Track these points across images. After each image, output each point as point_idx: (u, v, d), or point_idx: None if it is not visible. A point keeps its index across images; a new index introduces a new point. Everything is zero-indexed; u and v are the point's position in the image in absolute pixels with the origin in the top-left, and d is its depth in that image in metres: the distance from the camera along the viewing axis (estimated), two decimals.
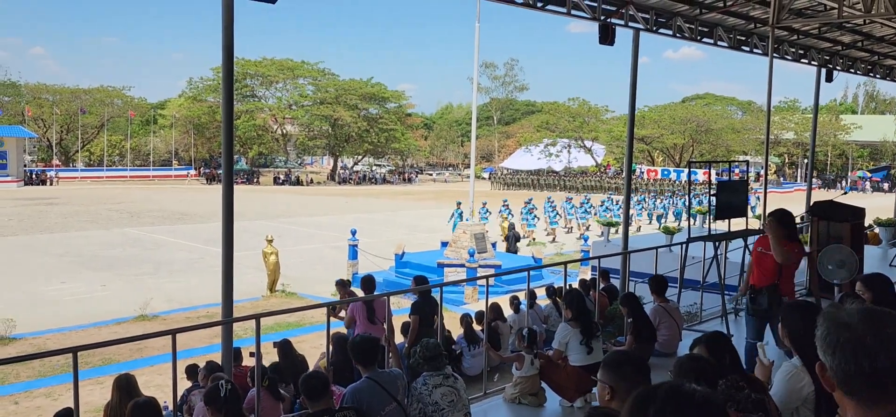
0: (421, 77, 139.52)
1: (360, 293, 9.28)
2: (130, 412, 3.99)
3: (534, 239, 27.35)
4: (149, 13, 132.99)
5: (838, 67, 14.88)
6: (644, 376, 2.82)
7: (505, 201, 30.28)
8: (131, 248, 24.07)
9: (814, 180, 19.09)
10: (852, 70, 15.77)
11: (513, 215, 28.53)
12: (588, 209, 32.83)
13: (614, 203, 35.56)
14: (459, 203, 27.27)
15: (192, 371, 7.93)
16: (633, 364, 2.83)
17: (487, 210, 27.52)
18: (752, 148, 63.56)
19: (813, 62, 14.13)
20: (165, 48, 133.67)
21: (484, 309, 8.08)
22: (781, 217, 5.78)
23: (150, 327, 14.01)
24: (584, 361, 5.55)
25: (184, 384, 7.52)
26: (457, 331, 10.04)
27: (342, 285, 10.26)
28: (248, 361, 8.20)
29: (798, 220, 15.38)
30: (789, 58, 13.46)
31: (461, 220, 26.33)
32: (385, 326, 7.24)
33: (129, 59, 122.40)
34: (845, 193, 33.43)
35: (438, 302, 6.70)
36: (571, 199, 32.89)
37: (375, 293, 8.63)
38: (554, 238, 28.27)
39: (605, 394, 2.79)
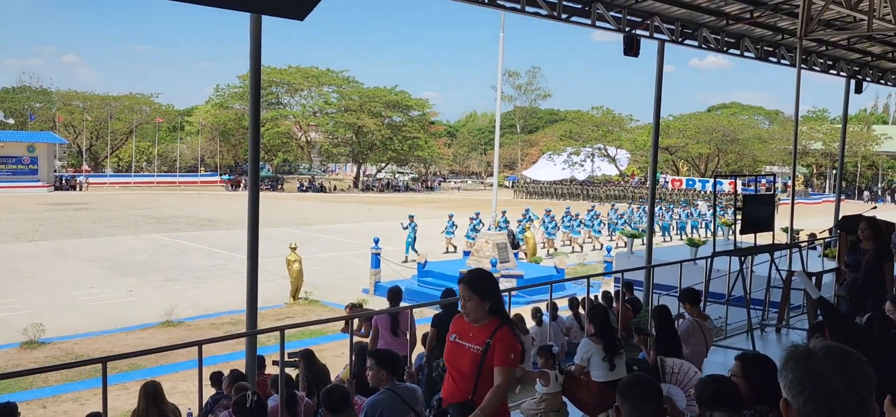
0: (445, 85, 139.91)
1: (384, 303, 9.26)
2: None
3: (555, 249, 27.22)
4: (179, 21, 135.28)
5: (868, 79, 14.64)
6: (652, 399, 2.81)
7: (525, 210, 30.06)
8: (158, 254, 24.41)
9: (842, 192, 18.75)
10: (883, 81, 15.50)
11: (518, 223, 28.07)
12: (595, 221, 30.14)
13: (636, 212, 35.08)
14: (452, 215, 27.38)
15: (216, 378, 8.01)
16: (642, 388, 2.83)
17: (480, 221, 26.67)
18: (779, 158, 62.64)
19: (842, 73, 13.93)
20: (194, 56, 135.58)
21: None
22: None
23: (175, 332, 14.19)
24: (607, 377, 5.50)
25: (208, 390, 7.60)
26: None
27: (353, 308, 10.17)
28: (271, 369, 8.28)
29: (827, 234, 15.17)
30: (817, 69, 13.29)
31: (454, 229, 26.63)
32: (407, 338, 7.27)
33: (158, 66, 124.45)
34: (876, 207, 32.78)
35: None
36: (594, 207, 32.07)
37: (400, 306, 8.63)
38: (573, 249, 27.98)
39: (614, 414, 2.83)
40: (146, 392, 6.17)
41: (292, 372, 6.86)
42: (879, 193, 62.16)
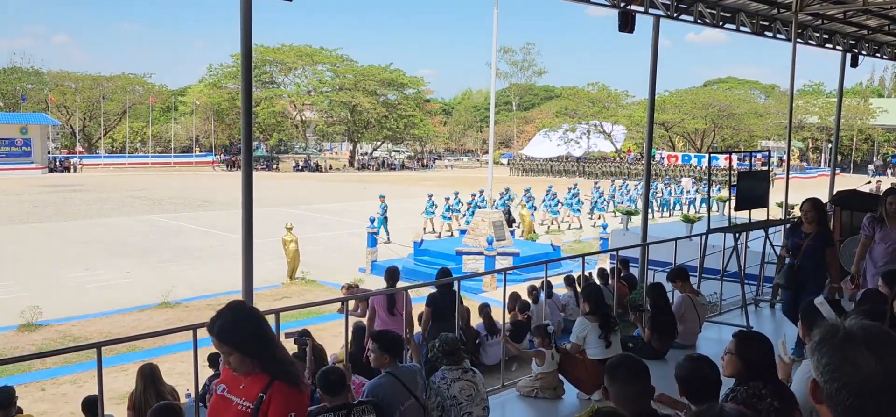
0: (440, 63, 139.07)
1: (381, 283, 9.29)
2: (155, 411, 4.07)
3: (561, 225, 27.24)
4: (170, 1, 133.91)
5: (864, 52, 14.59)
6: (639, 378, 2.85)
7: (521, 189, 29.97)
8: (153, 235, 24.37)
9: (838, 165, 18.79)
10: (878, 54, 15.45)
11: (513, 200, 27.85)
12: (576, 199, 28.94)
13: (617, 190, 34.50)
14: (431, 195, 26.84)
15: (213, 359, 8.01)
16: (628, 368, 2.87)
17: (459, 201, 26.32)
18: (775, 133, 62.62)
19: (838, 47, 13.88)
20: (186, 35, 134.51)
21: (503, 298, 8.09)
22: None
23: (172, 314, 14.21)
24: (603, 354, 5.54)
25: (206, 371, 7.63)
26: (476, 320, 10.06)
27: (350, 288, 10.19)
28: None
29: None
30: (813, 43, 13.23)
31: (433, 209, 26.26)
32: (405, 318, 7.29)
33: (150, 45, 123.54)
34: (879, 181, 32.68)
35: (456, 293, 6.72)
36: (576, 185, 31.14)
37: (396, 286, 8.65)
38: (548, 228, 27.78)
39: (607, 397, 2.88)
40: (143, 373, 6.20)
41: (295, 348, 6.88)
42: (877, 167, 62.19)
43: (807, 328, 3.54)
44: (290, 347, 7.80)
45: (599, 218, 28.22)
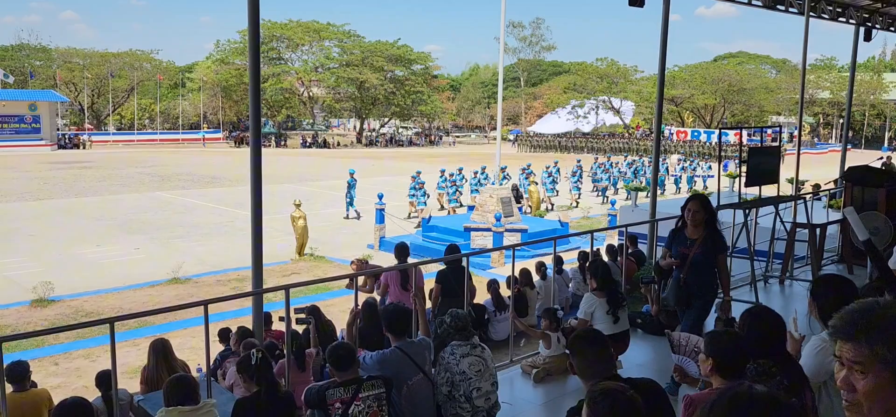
0: (447, 38, 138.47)
1: (389, 258, 9.35)
2: (170, 381, 4.11)
3: (576, 203, 27.10)
4: None
5: (878, 26, 14.38)
6: (599, 352, 2.91)
7: (527, 167, 29.75)
8: (163, 211, 24.50)
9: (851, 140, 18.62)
10: (892, 28, 15.24)
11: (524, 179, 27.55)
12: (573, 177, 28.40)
13: (614, 167, 33.66)
14: (417, 173, 24.97)
15: (224, 334, 8.10)
16: (588, 340, 2.96)
17: (445, 180, 25.48)
18: (786, 108, 62.09)
19: (851, 21, 13.70)
20: (193, 11, 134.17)
21: (512, 273, 8.11)
22: None
23: (182, 289, 14.32)
24: (611, 330, 5.55)
25: (216, 347, 7.70)
26: (484, 296, 10.10)
27: (359, 264, 10.21)
28: (278, 325, 8.37)
29: (832, 185, 15.10)
30: (826, 17, 13.06)
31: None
32: (415, 294, 7.35)
33: (157, 22, 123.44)
34: (884, 153, 32.31)
35: (465, 269, 6.75)
36: (578, 162, 30.32)
37: (409, 261, 8.70)
38: (577, 204, 27.63)
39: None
40: (155, 348, 6.26)
41: (300, 329, 6.93)
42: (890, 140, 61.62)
43: (816, 306, 3.52)
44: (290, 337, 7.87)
45: (576, 199, 27.58)
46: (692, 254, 5.38)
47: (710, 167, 36.03)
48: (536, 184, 26.84)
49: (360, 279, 8.08)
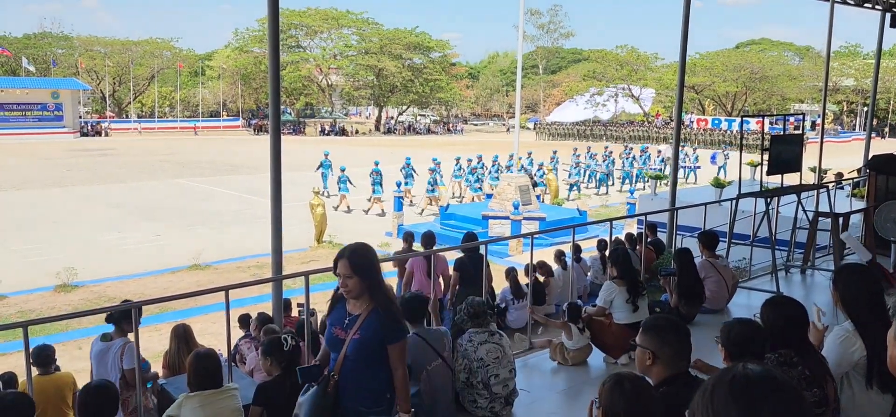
0: (466, 26, 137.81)
1: (419, 247, 9.35)
2: (193, 361, 4.13)
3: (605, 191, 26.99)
4: None
5: None
6: (684, 339, 2.81)
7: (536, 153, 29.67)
8: (183, 198, 24.74)
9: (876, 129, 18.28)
10: None
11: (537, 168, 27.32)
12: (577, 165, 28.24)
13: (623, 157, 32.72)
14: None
15: (244, 320, 8.18)
16: (674, 329, 2.81)
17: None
18: (809, 96, 61.17)
19: (877, 6, 13.44)
20: None
21: (530, 262, 8.10)
22: None
23: (202, 276, 14.47)
24: (630, 319, 5.53)
25: (236, 332, 7.78)
26: (502, 284, 10.09)
27: (407, 238, 10.10)
28: (296, 312, 8.44)
29: (855, 173, 14.85)
30: (851, 2, 12.82)
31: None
32: (441, 281, 7.44)
33: (177, 9, 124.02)
34: None
35: (483, 257, 6.75)
36: (589, 149, 29.63)
37: (433, 248, 8.73)
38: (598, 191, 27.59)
39: (646, 359, 2.77)
40: (177, 333, 6.34)
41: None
42: None
43: (838, 295, 3.48)
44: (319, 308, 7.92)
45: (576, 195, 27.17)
46: (349, 338, 3.37)
47: (728, 155, 35.43)
48: (554, 172, 26.73)
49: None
